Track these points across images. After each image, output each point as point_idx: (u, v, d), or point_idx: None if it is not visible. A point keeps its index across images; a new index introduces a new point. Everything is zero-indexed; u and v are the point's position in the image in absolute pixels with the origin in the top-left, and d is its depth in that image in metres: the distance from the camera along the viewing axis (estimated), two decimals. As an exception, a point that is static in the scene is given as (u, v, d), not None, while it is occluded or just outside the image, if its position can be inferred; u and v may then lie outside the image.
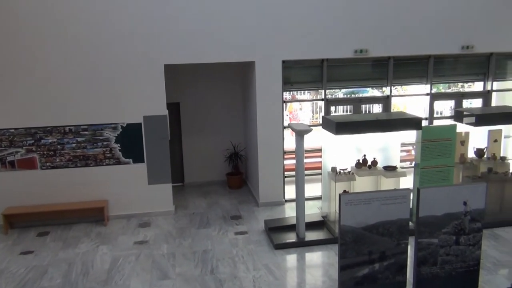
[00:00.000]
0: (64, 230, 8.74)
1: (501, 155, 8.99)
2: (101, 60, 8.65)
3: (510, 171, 8.79)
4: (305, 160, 7.97)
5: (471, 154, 9.00)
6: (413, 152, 10.48)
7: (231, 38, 8.98)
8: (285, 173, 9.89)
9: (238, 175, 11.10)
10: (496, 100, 10.93)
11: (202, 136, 11.16)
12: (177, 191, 10.62)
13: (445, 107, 12.71)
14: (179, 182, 11.26)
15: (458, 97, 10.84)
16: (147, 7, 8.62)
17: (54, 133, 8.78)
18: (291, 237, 8.03)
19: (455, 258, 5.48)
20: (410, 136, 8.86)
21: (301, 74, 9.77)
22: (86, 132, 8.86)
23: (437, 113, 11.61)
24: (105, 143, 8.93)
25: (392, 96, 10.18)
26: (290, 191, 9.56)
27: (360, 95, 13.92)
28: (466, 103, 11.24)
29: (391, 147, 8.55)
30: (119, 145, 8.97)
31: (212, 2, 8.81)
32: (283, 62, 9.29)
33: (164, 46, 8.79)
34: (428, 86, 10.16)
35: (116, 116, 8.89)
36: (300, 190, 7.89)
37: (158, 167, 9.15)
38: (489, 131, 8.88)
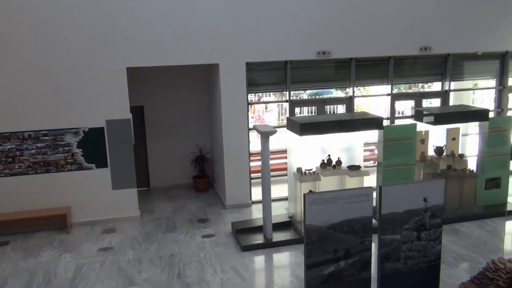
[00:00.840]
0: (24, 239, 8.46)
1: (459, 152, 9.30)
2: (61, 62, 8.44)
3: (468, 168, 9.11)
4: (271, 162, 8.01)
5: (431, 152, 9.28)
6: (376, 152, 10.71)
7: (195, 41, 8.94)
8: (252, 174, 9.92)
9: (204, 178, 11.04)
10: (453, 100, 11.31)
11: (167, 140, 11.05)
12: (142, 195, 10.47)
13: (406, 107, 13.06)
14: (145, 187, 11.10)
15: (418, 97, 11.15)
16: (108, 9, 8.47)
17: (12, 139, 8.50)
18: (258, 239, 8.05)
19: (417, 253, 5.63)
20: (373, 135, 9.05)
21: (266, 76, 9.83)
22: (46, 138, 8.62)
23: (398, 113, 11.91)
24: (66, 148, 8.72)
25: (355, 96, 10.37)
26: (256, 193, 9.59)
27: (325, 96, 14.12)
28: (426, 103, 11.58)
29: (354, 147, 8.71)
30: (81, 150, 8.77)
31: (175, 4, 8.75)
32: (247, 64, 9.32)
33: (127, 49, 8.66)
34: (389, 86, 10.41)
35: (78, 120, 8.68)
36: (266, 192, 7.92)
37: (122, 171, 8.99)
38: (447, 130, 9.17)
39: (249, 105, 9.88)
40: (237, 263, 7.38)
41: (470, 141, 10.34)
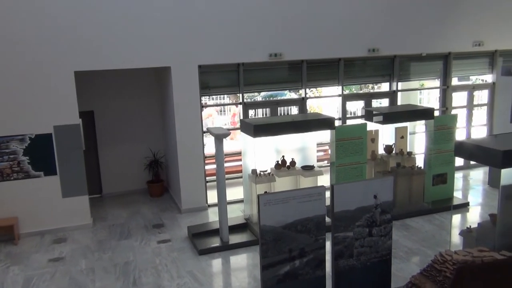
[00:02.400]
0: (-32, 253, 8.05)
1: (408, 150, 9.63)
2: (5, 67, 8.09)
3: (416, 165, 9.45)
4: (227, 164, 8.00)
5: (381, 150, 9.56)
6: (329, 151, 10.91)
7: (146, 43, 8.81)
8: (207, 178, 9.87)
9: (159, 182, 10.88)
10: (401, 99, 11.71)
11: (119, 145, 10.80)
12: (94, 202, 10.18)
13: (358, 107, 13.40)
14: (97, 193, 10.80)
15: (368, 97, 11.47)
16: (54, 11, 8.21)
17: (-48, 148, 8.08)
18: (215, 242, 8.02)
19: (369, 249, 5.77)
20: (326, 136, 9.23)
21: (219, 78, 9.82)
22: (-11, 146, 8.25)
23: (350, 113, 12.20)
24: (12, 156, 8.35)
25: (307, 98, 10.53)
26: (212, 196, 9.54)
27: (279, 98, 14.26)
28: (376, 103, 11.92)
29: (308, 148, 8.85)
30: (28, 157, 8.44)
31: (125, 6, 8.59)
32: (200, 66, 9.28)
33: (74, 52, 8.41)
34: (340, 87, 10.64)
35: (23, 127, 8.35)
36: (221, 194, 7.90)
37: (72, 179, 8.73)
38: (396, 129, 9.47)
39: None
40: (194, 267, 7.32)
41: (417, 139, 10.74)
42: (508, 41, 11.76)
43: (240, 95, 9.92)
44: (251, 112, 10.41)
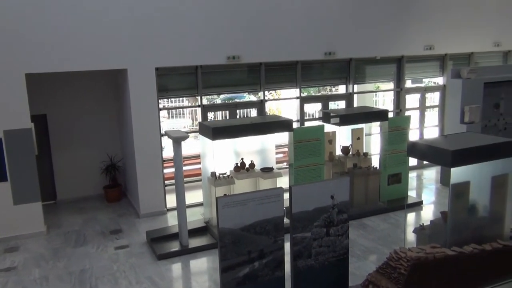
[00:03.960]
0: None
1: (364, 151, 9.85)
2: (-51, 70, 7.74)
3: (372, 165, 9.69)
4: (185, 168, 7.92)
5: (338, 151, 9.73)
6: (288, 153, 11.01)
7: (101, 45, 8.62)
8: (166, 181, 9.75)
9: (116, 187, 10.65)
10: (358, 101, 11.99)
11: (74, 149, 10.51)
12: (48, 209, 9.85)
13: (316, 109, 13.61)
14: (51, 200, 10.45)
15: (325, 99, 11.66)
16: (2, 11, 7.89)
17: None
18: (174, 246, 7.94)
19: (327, 248, 5.87)
20: (286, 138, 9.31)
21: (177, 81, 9.73)
22: None
23: (308, 115, 12.38)
24: (-42, 162, 7.99)
25: (266, 100, 10.60)
26: (171, 200, 9.42)
27: (238, 100, 14.27)
28: (333, 105, 12.15)
29: (267, 150, 8.90)
30: (-24, 164, 8.09)
31: (79, 6, 8.37)
32: (157, 69, 9.17)
33: (25, 54, 8.12)
34: (298, 90, 10.78)
35: (-29, 131, 8.01)
36: (180, 198, 7.83)
37: (24, 185, 8.41)
38: (352, 130, 9.68)
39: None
40: (153, 272, 7.21)
41: (373, 140, 11.02)
42: (457, 45, 12.30)
43: (199, 97, 9.87)
44: (210, 115, 10.36)
